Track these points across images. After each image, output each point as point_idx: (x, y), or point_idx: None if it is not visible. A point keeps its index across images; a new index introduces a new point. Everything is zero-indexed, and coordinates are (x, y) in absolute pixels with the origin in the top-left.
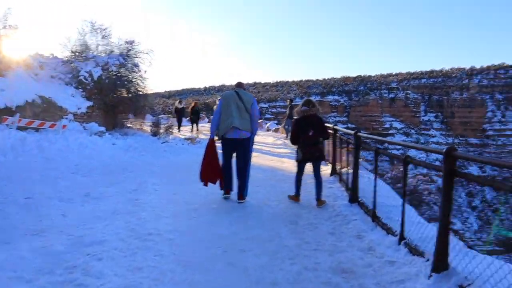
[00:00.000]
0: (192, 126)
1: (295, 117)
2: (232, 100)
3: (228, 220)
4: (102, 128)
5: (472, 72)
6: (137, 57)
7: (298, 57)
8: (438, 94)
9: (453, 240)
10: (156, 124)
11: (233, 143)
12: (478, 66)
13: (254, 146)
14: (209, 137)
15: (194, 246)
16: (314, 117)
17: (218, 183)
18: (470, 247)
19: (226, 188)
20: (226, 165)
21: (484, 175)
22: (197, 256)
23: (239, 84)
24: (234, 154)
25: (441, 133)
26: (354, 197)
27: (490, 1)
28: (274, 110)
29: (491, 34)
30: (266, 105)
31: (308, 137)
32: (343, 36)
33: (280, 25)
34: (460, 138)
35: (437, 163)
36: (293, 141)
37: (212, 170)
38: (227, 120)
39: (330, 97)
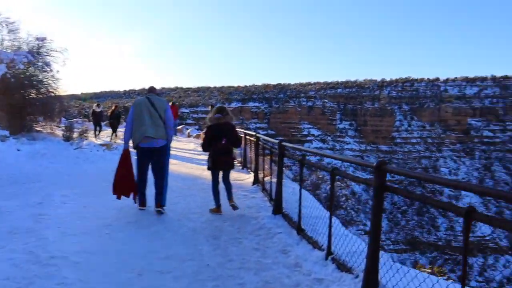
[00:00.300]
0: (112, 131)
1: (208, 124)
2: (144, 107)
3: (144, 237)
4: (5, 132)
5: (383, 84)
6: (49, 56)
7: (220, 63)
8: (352, 103)
9: (383, 255)
10: (69, 128)
11: (148, 152)
12: (388, 79)
13: (173, 153)
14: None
15: (105, 269)
16: (228, 125)
17: (132, 196)
18: (382, 247)
19: (142, 199)
20: (142, 175)
21: (394, 179)
22: (107, 282)
23: (152, 89)
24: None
25: (355, 140)
26: (278, 209)
27: (398, 21)
28: (195, 115)
29: (399, 49)
30: (188, 110)
31: (220, 145)
32: (263, 44)
33: (203, 30)
34: (372, 145)
35: (351, 169)
36: (205, 148)
37: (125, 182)
38: (140, 128)
39: (251, 104)
